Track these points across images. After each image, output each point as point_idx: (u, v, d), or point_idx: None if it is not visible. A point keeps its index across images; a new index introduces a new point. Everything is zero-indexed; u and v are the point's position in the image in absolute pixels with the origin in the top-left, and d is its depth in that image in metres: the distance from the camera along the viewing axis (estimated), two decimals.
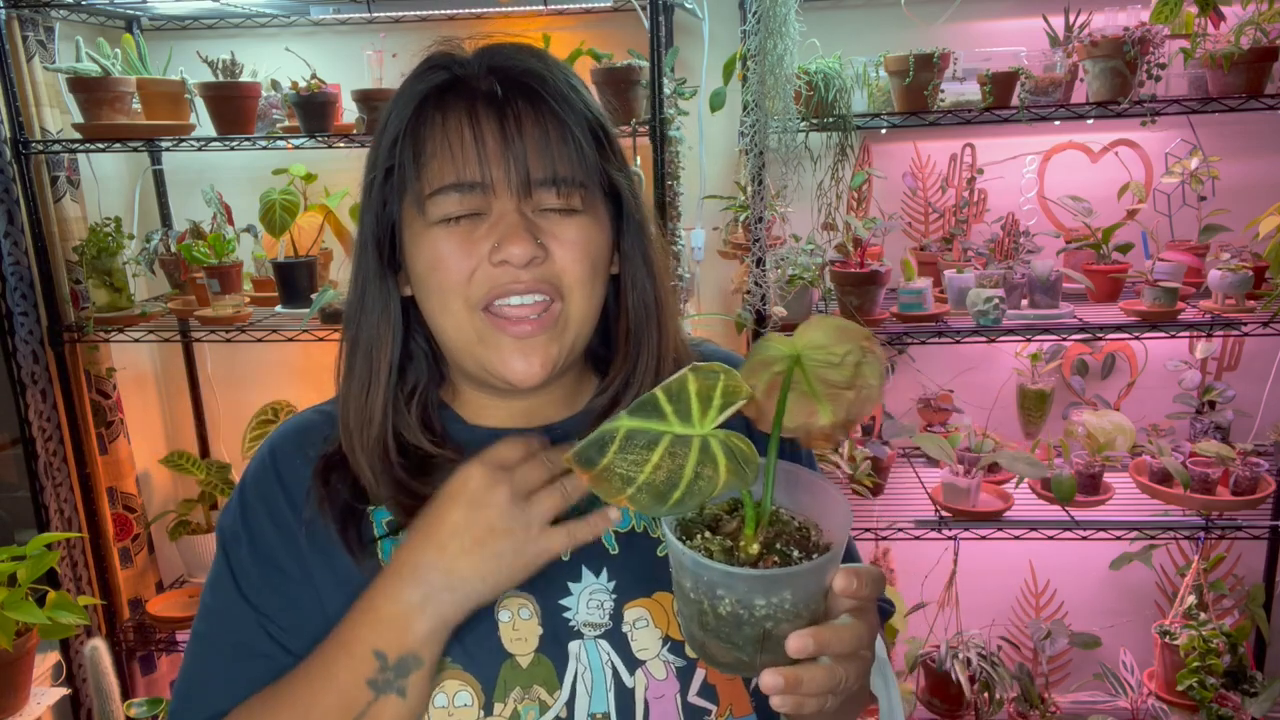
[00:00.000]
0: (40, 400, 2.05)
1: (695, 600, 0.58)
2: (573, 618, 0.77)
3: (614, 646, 0.76)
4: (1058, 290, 1.94)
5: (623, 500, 0.55)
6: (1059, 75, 1.86)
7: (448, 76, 0.74)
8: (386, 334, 0.78)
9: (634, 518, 0.81)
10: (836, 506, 0.63)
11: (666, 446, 0.55)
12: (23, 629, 1.67)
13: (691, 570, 0.58)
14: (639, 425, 0.56)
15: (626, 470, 0.55)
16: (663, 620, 0.77)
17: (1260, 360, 2.15)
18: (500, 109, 0.71)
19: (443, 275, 0.73)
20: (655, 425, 0.56)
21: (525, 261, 0.71)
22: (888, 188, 2.21)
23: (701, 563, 0.56)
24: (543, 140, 0.71)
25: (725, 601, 0.57)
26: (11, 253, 1.97)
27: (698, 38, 2.11)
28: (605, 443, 0.56)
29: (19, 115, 1.98)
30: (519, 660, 0.75)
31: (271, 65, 2.19)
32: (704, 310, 2.28)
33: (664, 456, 0.55)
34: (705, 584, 0.57)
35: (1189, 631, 2.05)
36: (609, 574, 0.78)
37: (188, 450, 2.38)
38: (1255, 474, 1.94)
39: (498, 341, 0.74)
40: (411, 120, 0.73)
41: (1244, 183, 2.06)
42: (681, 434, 0.56)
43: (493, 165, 0.71)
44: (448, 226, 0.73)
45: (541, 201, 0.73)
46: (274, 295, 2.13)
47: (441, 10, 2.17)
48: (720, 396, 0.57)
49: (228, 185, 2.28)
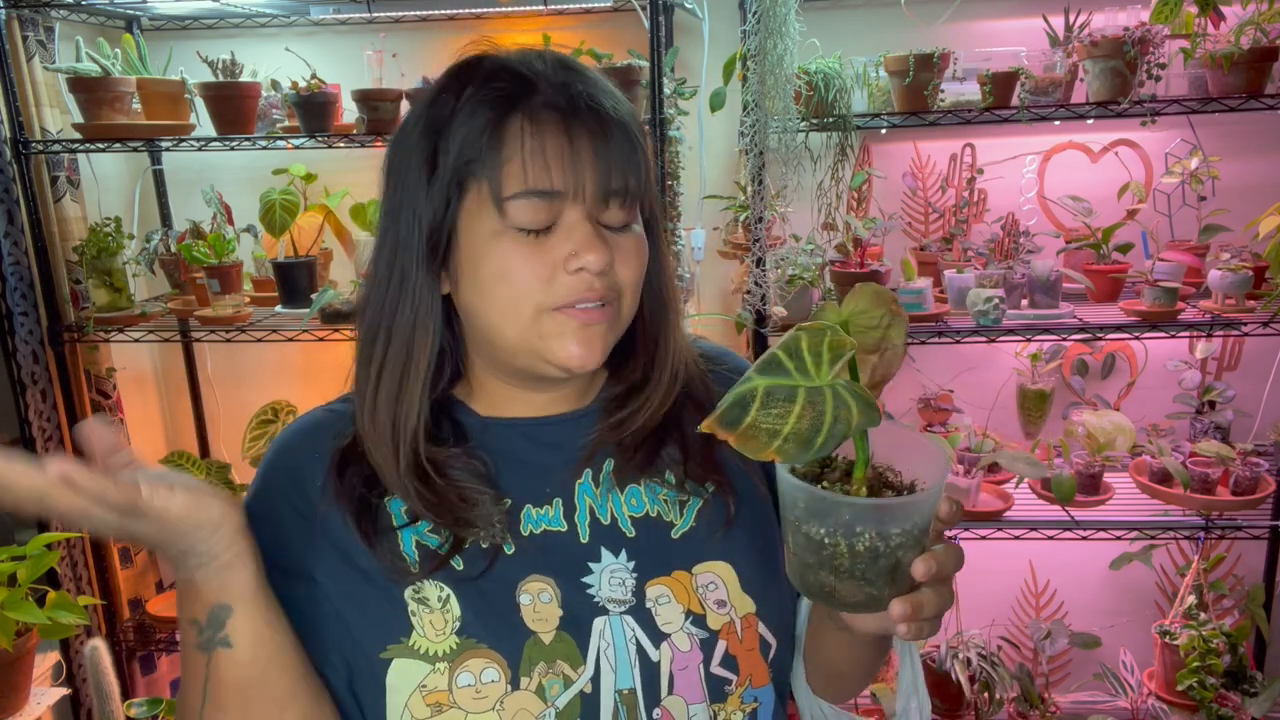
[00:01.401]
0: (40, 400, 2.05)
1: (829, 544, 0.61)
2: (596, 594, 0.79)
3: (639, 621, 0.79)
4: (1058, 290, 1.94)
5: (770, 454, 0.57)
6: (1059, 75, 1.86)
7: (517, 86, 0.75)
8: (428, 331, 0.79)
9: (649, 503, 0.84)
10: (919, 447, 0.67)
11: (805, 398, 0.59)
12: (23, 629, 1.66)
13: (830, 513, 0.61)
14: (773, 382, 0.60)
15: (771, 424, 0.58)
16: (684, 596, 0.80)
17: (1260, 360, 2.15)
18: (592, 119, 0.74)
19: (514, 285, 0.75)
20: (785, 381, 0.60)
21: (602, 269, 0.74)
22: (888, 188, 2.21)
23: (846, 502, 0.61)
24: (620, 153, 0.75)
25: (864, 537, 0.60)
26: (11, 253, 1.97)
27: (698, 38, 2.11)
28: (746, 403, 0.59)
29: (19, 115, 1.98)
30: (542, 637, 0.77)
31: (271, 65, 2.19)
32: (704, 310, 2.28)
33: (804, 406, 0.58)
34: (844, 524, 0.60)
35: (1189, 631, 2.05)
36: (628, 554, 0.81)
37: (188, 450, 2.38)
38: (1255, 474, 1.94)
39: (562, 330, 0.76)
40: (494, 121, 0.73)
41: (1244, 183, 2.06)
42: (811, 386, 0.60)
43: (585, 171, 0.74)
44: (521, 237, 0.74)
45: (609, 213, 0.76)
46: (274, 295, 2.13)
47: (441, 10, 2.17)
48: (828, 350, 0.61)
49: (228, 185, 2.28)
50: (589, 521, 0.82)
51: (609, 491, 0.83)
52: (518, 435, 0.84)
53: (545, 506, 0.82)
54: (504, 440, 0.84)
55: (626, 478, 0.84)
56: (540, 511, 0.82)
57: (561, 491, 0.83)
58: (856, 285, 0.67)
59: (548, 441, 0.84)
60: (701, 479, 0.85)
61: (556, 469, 0.83)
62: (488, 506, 0.79)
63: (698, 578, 0.81)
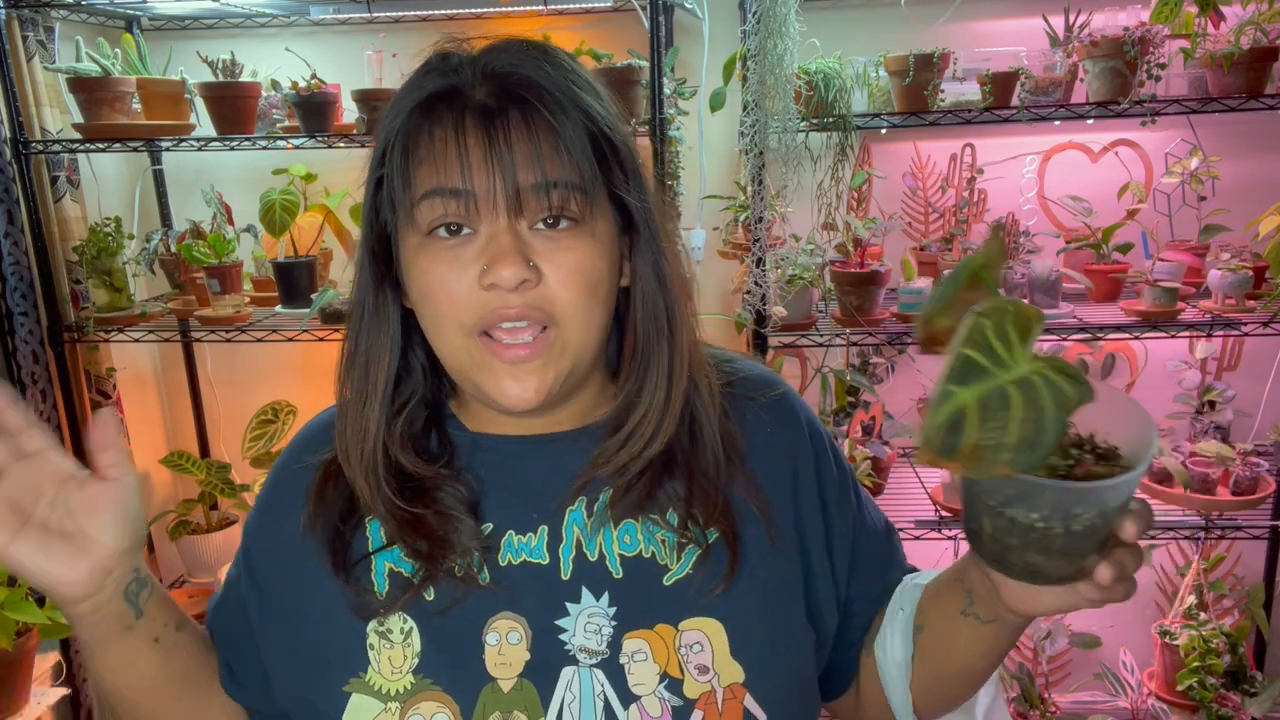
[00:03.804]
0: (40, 400, 2.05)
1: (1042, 527, 0.57)
2: (569, 640, 0.73)
3: (609, 677, 0.72)
4: (1058, 290, 1.94)
5: (1001, 469, 0.52)
6: (1059, 75, 1.86)
7: (441, 83, 0.70)
8: (384, 347, 0.76)
9: (644, 542, 0.76)
10: (1116, 403, 0.61)
11: (1019, 396, 0.53)
12: (23, 629, 1.66)
13: (1050, 499, 0.56)
14: (980, 390, 0.54)
15: (995, 438, 0.52)
16: (662, 655, 0.72)
17: (1260, 360, 2.15)
18: (489, 119, 0.68)
19: (437, 301, 0.70)
20: (989, 383, 0.54)
21: (515, 284, 0.67)
22: (888, 188, 2.21)
23: (1070, 488, 0.56)
24: (533, 150, 0.67)
25: (1083, 517, 0.57)
26: (11, 253, 1.97)
27: (698, 38, 2.11)
28: (957, 421, 0.53)
29: (19, 115, 1.98)
30: (501, 684, 0.72)
31: (271, 65, 2.19)
32: (704, 310, 2.28)
33: (1023, 406, 0.52)
34: (1062, 508, 0.57)
35: (1189, 631, 2.05)
36: (610, 598, 0.74)
37: (188, 450, 2.38)
38: (1255, 474, 1.94)
39: (491, 366, 0.70)
40: (401, 129, 0.70)
41: (1244, 183, 2.06)
42: (1016, 378, 0.54)
43: (477, 175, 0.67)
44: (438, 246, 0.69)
45: (534, 217, 0.69)
46: (274, 295, 2.13)
47: (441, 10, 2.16)
48: (1015, 329, 0.55)
49: (228, 185, 2.27)
50: (574, 556, 0.75)
51: (602, 524, 0.75)
52: (507, 454, 0.78)
53: (529, 534, 0.76)
54: (491, 459, 0.78)
55: (623, 511, 0.75)
56: (522, 540, 0.75)
57: (549, 519, 0.76)
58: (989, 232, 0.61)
59: (540, 462, 0.78)
60: (705, 522, 0.75)
61: (547, 494, 0.76)
62: (466, 531, 0.74)
63: (682, 635, 0.73)
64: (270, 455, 2.23)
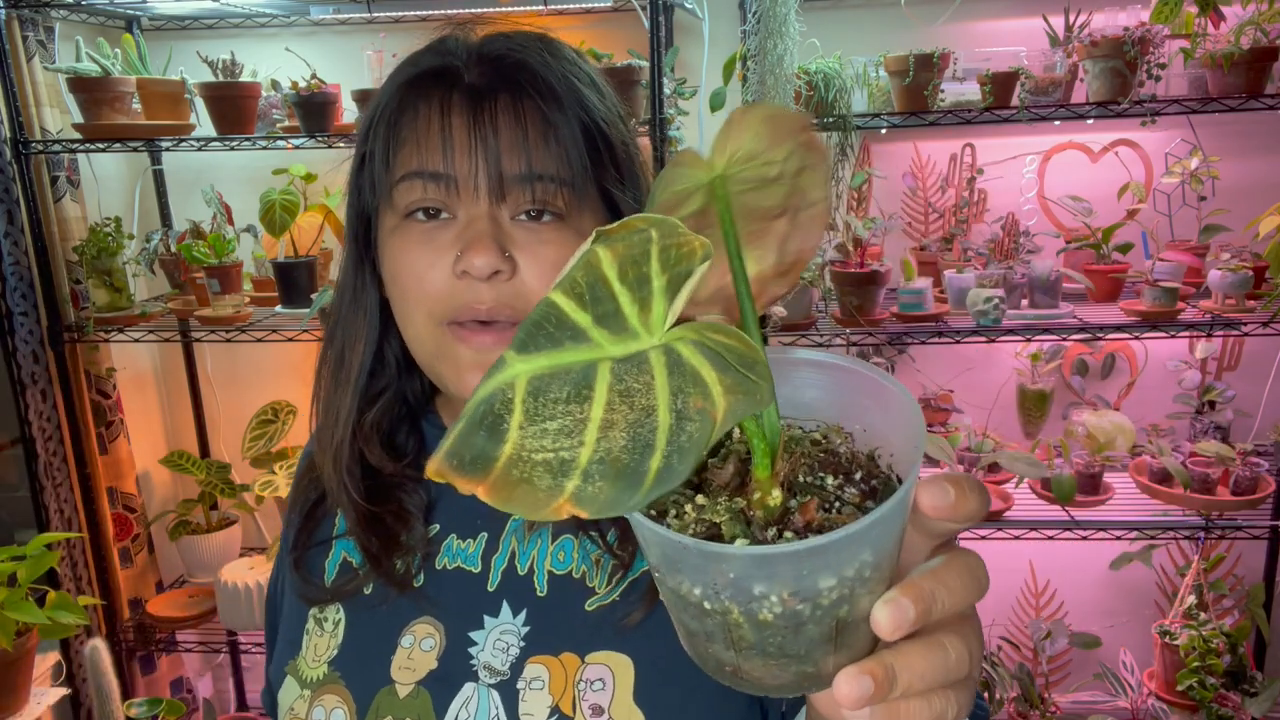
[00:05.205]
0: (40, 400, 2.05)
1: (713, 612, 0.35)
2: (475, 655, 0.69)
3: (504, 701, 0.67)
4: (1058, 290, 1.94)
5: (564, 506, 0.31)
6: (1059, 75, 1.86)
7: (435, 61, 0.68)
8: (360, 334, 0.73)
9: (577, 560, 0.71)
10: (878, 391, 0.39)
11: (610, 384, 0.32)
12: (23, 629, 1.66)
13: (698, 566, 0.34)
14: (546, 365, 0.33)
15: (552, 451, 0.31)
16: (559, 686, 0.67)
17: (1260, 360, 2.15)
18: (477, 100, 0.65)
19: (406, 286, 0.67)
20: (573, 355, 0.33)
21: (488, 274, 0.63)
22: (888, 188, 2.21)
23: (717, 553, 0.33)
24: (519, 135, 0.64)
25: (769, 600, 0.34)
26: (11, 253, 1.97)
27: (698, 38, 2.11)
28: (496, 418, 0.32)
29: (19, 115, 1.98)
30: (398, 688, 0.69)
31: (271, 65, 2.19)
32: None
33: (612, 402, 0.32)
34: (730, 584, 0.34)
35: (1189, 631, 2.05)
36: (526, 616, 0.70)
37: (188, 450, 2.38)
38: (1255, 474, 1.94)
39: (456, 357, 0.66)
40: (386, 104, 0.68)
41: (1244, 183, 2.06)
42: (625, 354, 0.33)
43: (459, 157, 0.64)
44: (414, 228, 0.67)
45: (517, 207, 0.66)
46: (274, 295, 2.13)
47: (441, 10, 2.16)
48: (659, 267, 0.34)
49: (228, 185, 2.27)
50: (505, 567, 0.72)
51: (540, 537, 0.72)
52: None
53: (469, 540, 0.73)
54: None
55: (563, 525, 0.71)
56: (462, 545, 0.73)
57: (490, 527, 0.74)
58: (735, 111, 0.39)
59: None
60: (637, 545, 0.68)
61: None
62: (416, 534, 0.73)
63: (586, 669, 0.67)
64: (270, 455, 2.23)
